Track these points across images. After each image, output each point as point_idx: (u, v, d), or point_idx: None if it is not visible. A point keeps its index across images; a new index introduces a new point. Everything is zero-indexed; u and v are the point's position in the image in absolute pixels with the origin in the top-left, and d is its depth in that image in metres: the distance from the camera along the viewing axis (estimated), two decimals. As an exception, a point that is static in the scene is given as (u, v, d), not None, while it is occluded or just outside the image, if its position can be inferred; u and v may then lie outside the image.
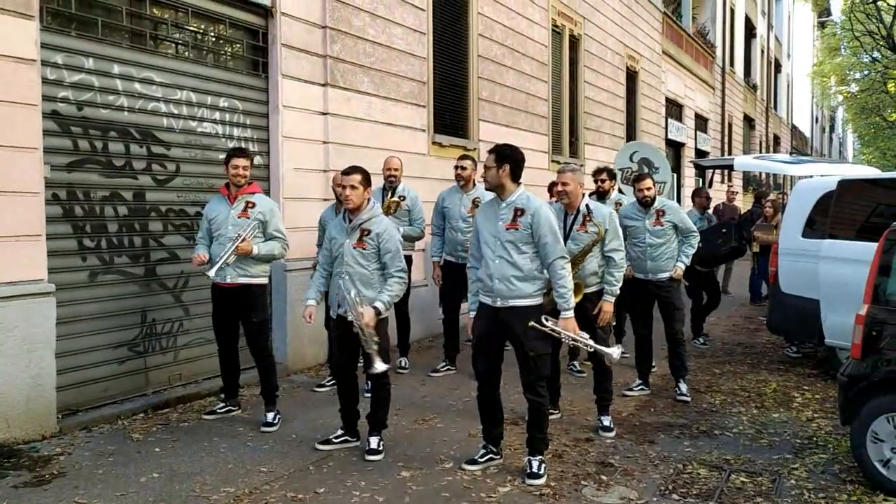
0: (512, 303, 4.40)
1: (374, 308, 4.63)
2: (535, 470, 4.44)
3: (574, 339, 4.54)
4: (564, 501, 4.15)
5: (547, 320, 4.42)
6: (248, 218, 5.35)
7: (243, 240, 5.24)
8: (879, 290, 4.55)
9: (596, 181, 7.23)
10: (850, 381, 4.47)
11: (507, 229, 4.40)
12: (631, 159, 10.05)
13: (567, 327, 4.47)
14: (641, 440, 5.21)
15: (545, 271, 4.44)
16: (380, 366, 4.59)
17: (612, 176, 7.27)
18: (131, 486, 4.27)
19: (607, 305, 5.31)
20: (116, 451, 4.82)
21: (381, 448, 4.82)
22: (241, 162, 5.36)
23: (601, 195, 7.15)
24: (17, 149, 4.80)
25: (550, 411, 5.48)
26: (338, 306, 4.82)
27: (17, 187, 4.80)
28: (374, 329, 4.59)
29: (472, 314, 4.64)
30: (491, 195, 6.93)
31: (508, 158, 4.41)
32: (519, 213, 4.39)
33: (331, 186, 6.56)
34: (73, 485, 4.27)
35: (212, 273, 5.19)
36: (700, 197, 9.56)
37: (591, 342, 4.65)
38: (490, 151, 4.51)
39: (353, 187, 4.68)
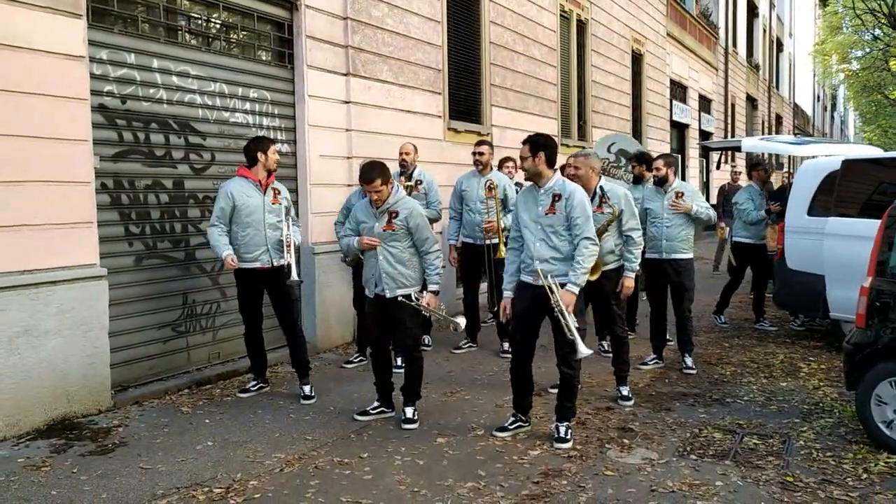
0: (552, 280, 4.68)
1: (432, 293, 5.10)
2: (562, 435, 4.78)
3: (562, 314, 4.60)
4: (591, 462, 4.49)
5: (551, 290, 4.64)
6: (279, 205, 5.65)
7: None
8: (882, 263, 4.85)
9: (632, 167, 7.73)
10: (855, 349, 4.80)
11: (546, 214, 4.71)
12: (609, 150, 10.30)
13: (564, 298, 4.60)
14: (658, 408, 5.54)
15: None
16: (461, 320, 5.19)
17: (643, 162, 7.64)
18: (189, 454, 4.62)
19: (628, 281, 5.66)
20: (170, 423, 5.17)
21: (416, 417, 5.16)
22: (278, 148, 5.68)
23: (637, 180, 7.62)
24: (72, 141, 5.11)
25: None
26: (374, 286, 5.14)
27: (72, 177, 5.12)
28: (436, 306, 5.15)
29: (508, 295, 4.94)
30: (504, 179, 7.25)
31: (543, 147, 4.71)
32: (556, 198, 4.68)
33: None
34: (136, 453, 4.62)
35: (295, 277, 5.55)
36: (758, 170, 9.28)
37: (572, 327, 4.62)
38: (524, 142, 4.79)
39: (377, 192, 5.00)
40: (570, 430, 4.83)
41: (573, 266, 4.65)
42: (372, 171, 4.97)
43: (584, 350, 4.59)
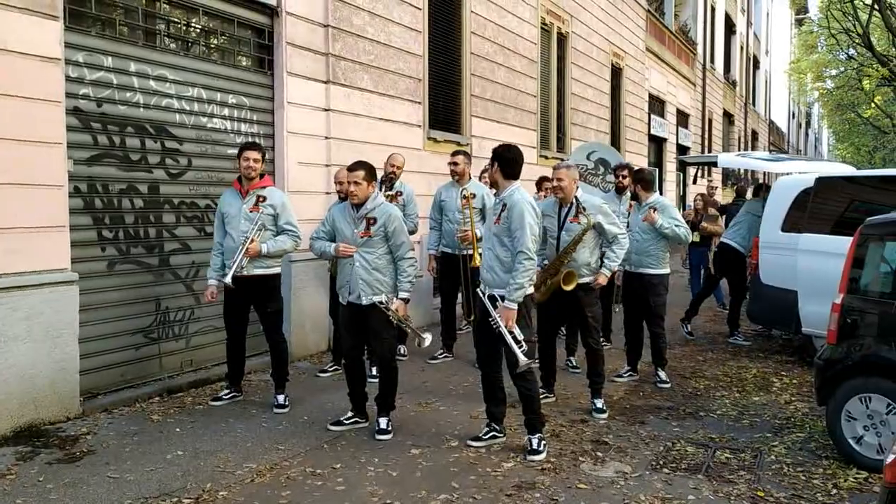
0: (497, 291, 4.74)
1: (403, 300, 5.07)
2: (535, 447, 4.76)
3: (507, 330, 4.63)
4: (564, 475, 4.48)
5: (493, 300, 4.71)
6: (259, 212, 5.53)
7: (252, 241, 5.43)
8: (854, 281, 4.92)
9: (617, 176, 7.73)
10: (826, 365, 4.84)
11: (495, 223, 4.80)
12: (588, 158, 10.35)
13: (504, 315, 4.64)
14: (632, 421, 5.56)
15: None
16: (427, 336, 5.07)
17: (632, 173, 7.66)
18: (159, 463, 4.55)
19: (602, 278, 5.72)
20: (139, 432, 5.09)
21: (390, 428, 5.12)
22: (253, 154, 5.54)
23: (619, 190, 7.63)
24: (46, 144, 5.04)
25: (546, 395, 5.84)
26: (348, 293, 5.10)
27: (45, 181, 5.05)
28: (405, 314, 5.08)
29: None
30: (483, 189, 7.25)
31: (498, 157, 4.84)
32: (504, 208, 4.76)
33: (334, 182, 6.75)
34: (104, 461, 4.54)
35: (227, 280, 5.41)
36: (764, 193, 9.17)
37: (516, 340, 4.65)
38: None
39: (356, 183, 4.96)
40: (542, 442, 4.82)
41: (509, 282, 4.65)
42: (359, 163, 5.03)
43: (523, 360, 4.64)
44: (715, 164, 14.40)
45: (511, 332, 4.65)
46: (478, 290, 4.94)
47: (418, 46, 9.09)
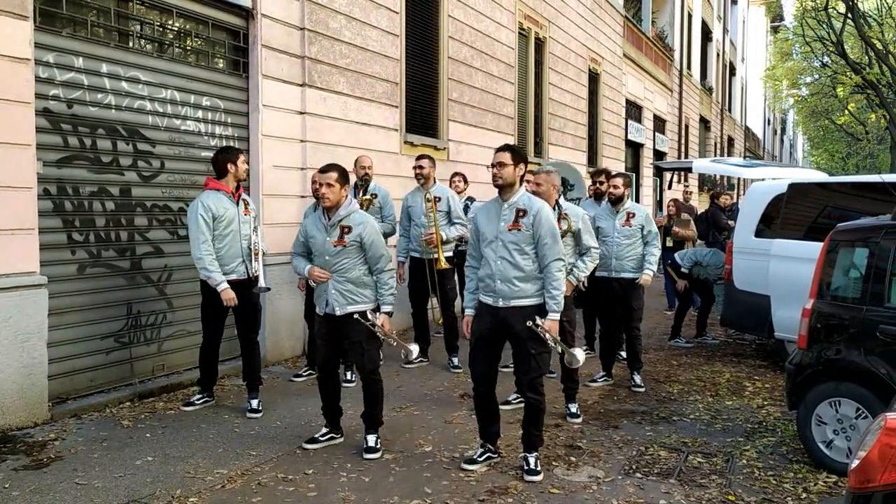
0: (514, 303, 4.46)
1: (387, 314, 4.83)
2: (532, 467, 4.51)
3: (555, 342, 4.51)
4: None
5: (541, 321, 4.44)
6: (250, 215, 5.63)
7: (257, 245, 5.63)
8: (824, 286, 4.96)
9: (594, 182, 7.72)
10: (797, 370, 4.89)
11: (510, 230, 4.47)
12: None
13: (552, 328, 4.44)
14: (606, 425, 5.57)
15: None
16: (414, 348, 5.04)
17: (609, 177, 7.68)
18: (128, 469, 4.49)
19: (568, 284, 5.43)
20: (109, 437, 5.02)
21: (378, 446, 4.82)
22: (246, 158, 5.66)
23: (598, 195, 7.62)
24: (14, 145, 4.97)
25: (521, 400, 5.82)
26: (325, 304, 4.85)
27: (13, 182, 4.97)
28: (389, 329, 4.88)
29: (469, 312, 4.74)
30: (448, 192, 7.12)
31: (525, 159, 4.52)
32: (521, 213, 4.46)
33: (311, 185, 6.72)
34: (72, 468, 4.47)
35: (263, 284, 5.57)
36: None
37: (565, 347, 4.69)
38: (505, 150, 4.52)
39: (328, 185, 4.68)
40: (538, 461, 4.56)
41: (549, 292, 4.43)
42: (331, 165, 4.78)
43: (580, 356, 4.73)
44: (690, 170, 14.53)
45: (558, 341, 4.53)
46: (492, 304, 4.57)
47: (395, 50, 9.08)
